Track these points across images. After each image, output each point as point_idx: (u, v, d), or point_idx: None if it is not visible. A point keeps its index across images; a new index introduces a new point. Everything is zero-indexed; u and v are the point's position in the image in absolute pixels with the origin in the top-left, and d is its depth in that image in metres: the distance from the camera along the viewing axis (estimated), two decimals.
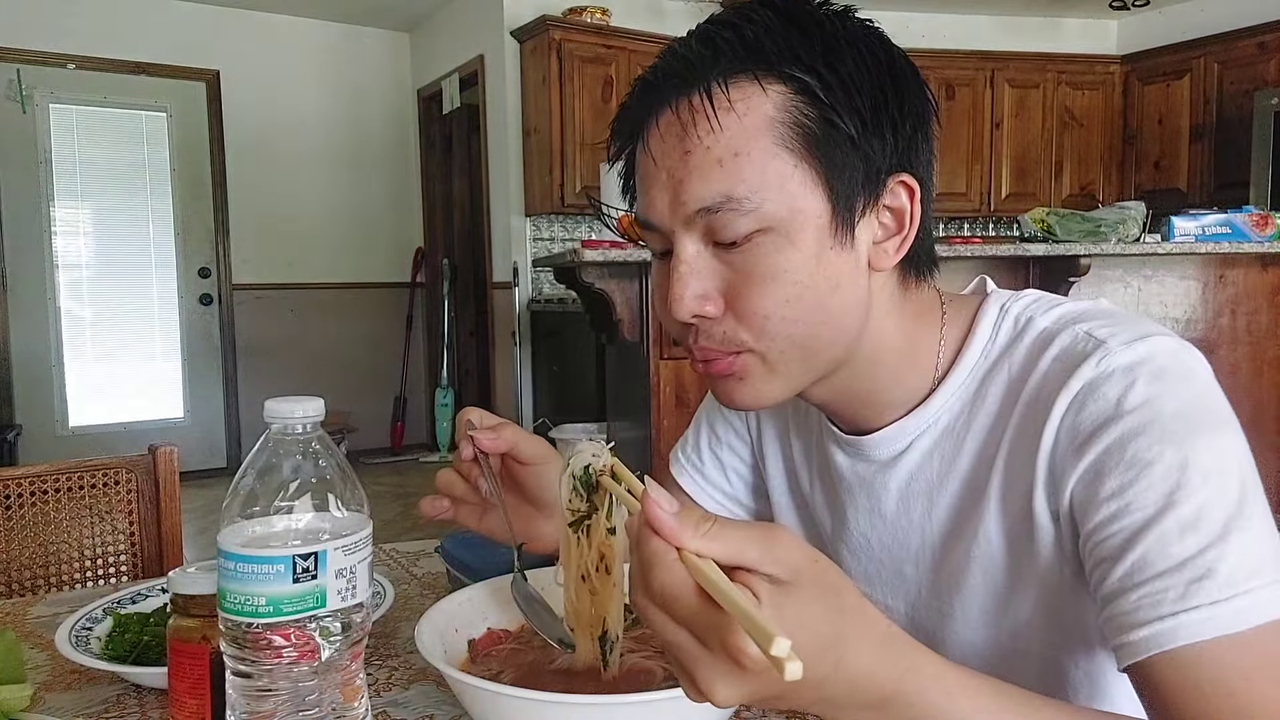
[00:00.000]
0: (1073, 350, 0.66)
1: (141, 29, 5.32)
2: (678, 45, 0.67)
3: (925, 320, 0.73)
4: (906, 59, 0.68)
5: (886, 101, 0.64)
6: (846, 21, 0.66)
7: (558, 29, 4.78)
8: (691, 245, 0.66)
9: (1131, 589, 0.58)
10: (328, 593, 0.57)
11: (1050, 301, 0.73)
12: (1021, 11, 5.99)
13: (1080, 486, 0.62)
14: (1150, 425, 0.60)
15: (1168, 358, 0.63)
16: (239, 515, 0.57)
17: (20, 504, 1.33)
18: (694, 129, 0.63)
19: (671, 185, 0.65)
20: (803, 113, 0.62)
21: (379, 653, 0.84)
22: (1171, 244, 3.14)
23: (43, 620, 0.95)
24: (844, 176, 0.64)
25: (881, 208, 0.67)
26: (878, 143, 0.64)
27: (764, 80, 0.63)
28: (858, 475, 0.78)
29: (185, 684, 0.66)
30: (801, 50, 0.63)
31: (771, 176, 0.63)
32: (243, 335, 5.74)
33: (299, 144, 5.80)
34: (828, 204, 0.64)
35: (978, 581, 0.71)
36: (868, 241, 0.67)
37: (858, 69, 0.63)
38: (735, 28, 0.64)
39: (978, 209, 5.83)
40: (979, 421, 0.71)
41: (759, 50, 0.63)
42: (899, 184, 0.66)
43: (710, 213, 0.64)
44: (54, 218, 5.18)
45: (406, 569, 1.11)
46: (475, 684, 0.61)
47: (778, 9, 0.65)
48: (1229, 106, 5.32)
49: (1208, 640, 0.55)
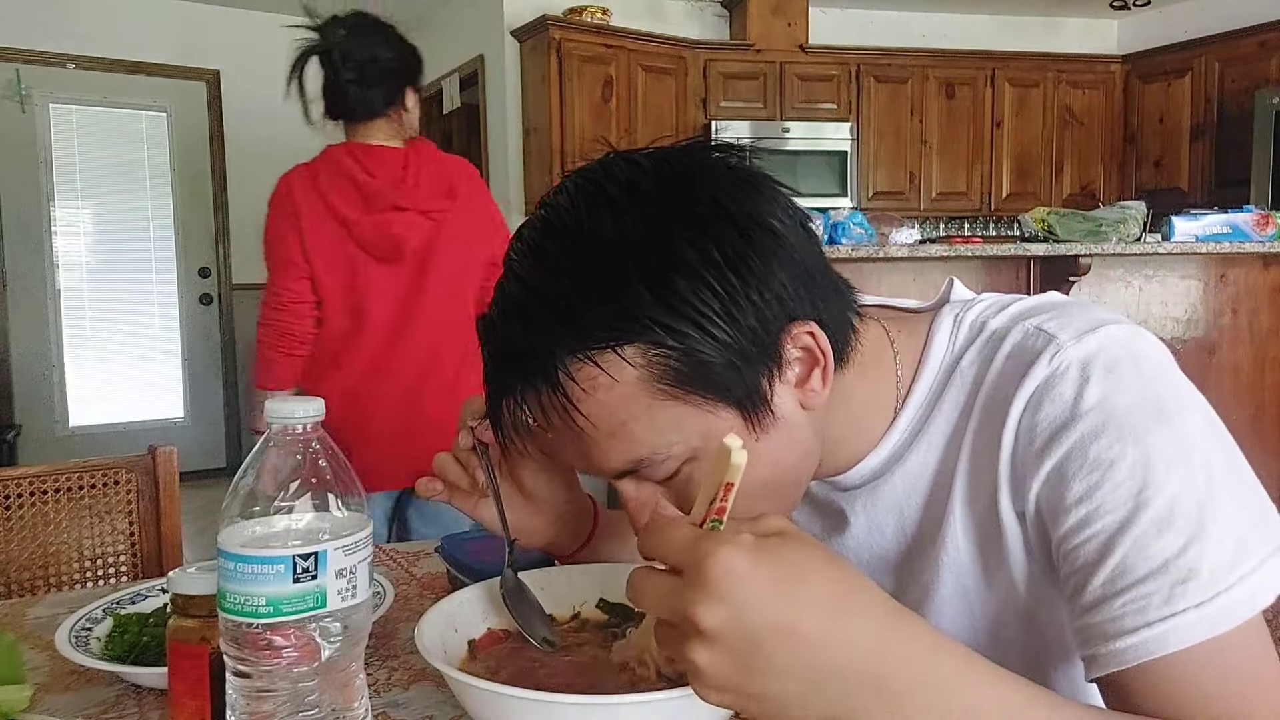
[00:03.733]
0: (1024, 347, 0.66)
1: (141, 29, 5.31)
2: (495, 324, 0.63)
3: (874, 366, 0.71)
4: (728, 185, 0.61)
5: (735, 291, 0.58)
6: (648, 221, 0.59)
7: (558, 29, 4.78)
8: (630, 486, 0.66)
9: (1114, 596, 0.57)
10: (328, 593, 0.57)
11: (1003, 302, 0.72)
12: (1022, 11, 5.99)
13: (1046, 490, 0.62)
14: (1108, 424, 0.59)
15: (1119, 347, 0.62)
16: (239, 515, 0.57)
17: (20, 504, 1.33)
18: (572, 413, 0.60)
19: (579, 454, 0.64)
20: (664, 361, 0.58)
21: (379, 653, 0.84)
22: (1172, 244, 3.14)
23: (42, 621, 0.95)
24: (735, 385, 0.60)
25: (788, 364, 0.63)
26: (748, 338, 0.59)
27: (609, 353, 0.58)
28: (829, 499, 0.78)
29: (185, 684, 0.66)
30: (625, 305, 0.57)
31: (668, 425, 0.60)
32: (243, 335, 5.73)
33: (299, 144, 5.78)
34: (734, 412, 0.61)
35: (950, 588, 0.71)
36: (790, 398, 0.64)
37: (691, 285, 0.57)
38: (549, 301, 0.59)
39: (978, 208, 5.82)
40: (938, 429, 0.71)
41: (583, 329, 0.58)
42: (793, 335, 0.62)
43: (629, 473, 0.64)
44: (54, 218, 5.18)
45: (406, 569, 1.11)
46: (475, 684, 0.60)
47: (579, 255, 0.59)
48: (1230, 106, 5.32)
49: (1195, 645, 0.54)
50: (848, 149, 5.47)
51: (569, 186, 0.63)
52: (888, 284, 3.02)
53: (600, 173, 0.62)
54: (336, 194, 1.92)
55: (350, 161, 1.94)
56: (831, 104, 5.51)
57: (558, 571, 0.84)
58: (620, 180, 0.61)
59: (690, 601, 0.45)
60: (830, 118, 5.49)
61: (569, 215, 0.61)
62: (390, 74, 1.95)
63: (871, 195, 5.60)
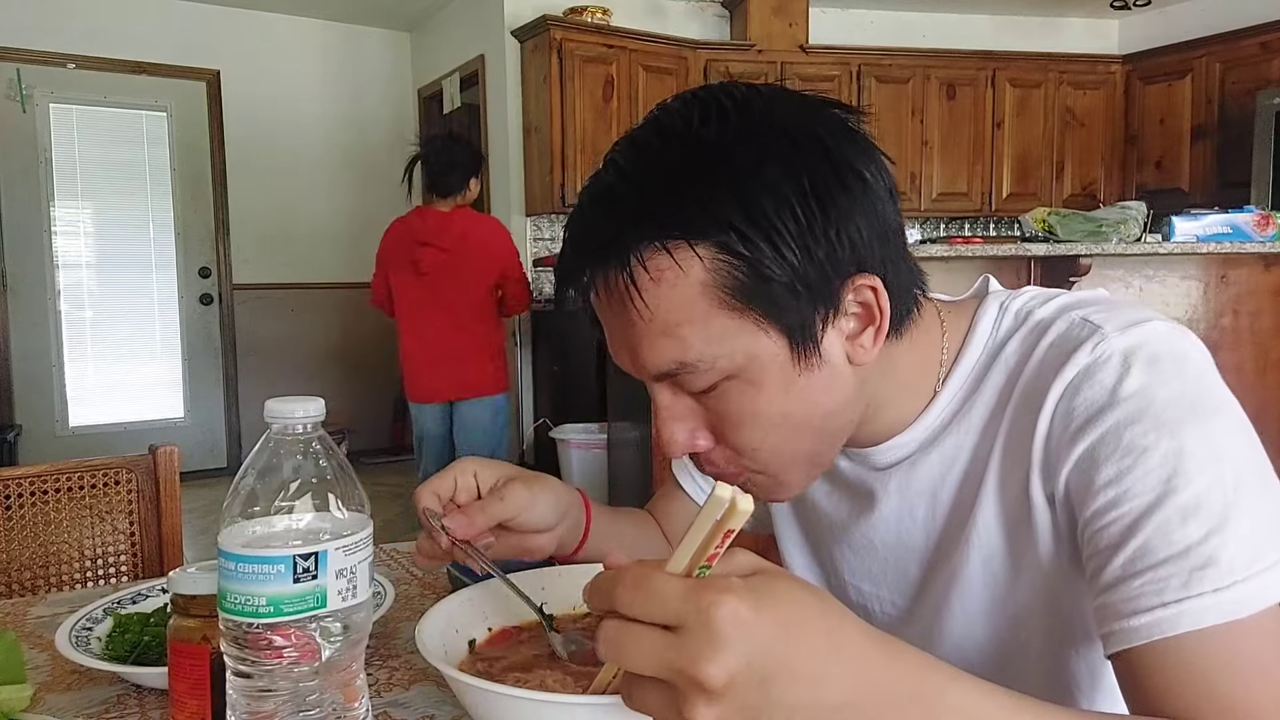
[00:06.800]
0: (1068, 336, 0.66)
1: (141, 29, 5.32)
2: (584, 209, 0.65)
3: (924, 342, 0.72)
4: (836, 130, 0.63)
5: (815, 221, 0.60)
6: (752, 136, 0.61)
7: (558, 29, 4.78)
8: (666, 394, 0.66)
9: (1134, 575, 0.58)
10: (328, 593, 0.57)
11: (1049, 294, 0.73)
12: (1023, 11, 5.99)
13: (1076, 473, 0.63)
14: (1145, 413, 0.60)
15: (1162, 343, 0.63)
16: (239, 515, 0.57)
17: (20, 504, 1.33)
18: (629, 303, 0.62)
19: (627, 347, 0.65)
20: (731, 269, 0.60)
21: (379, 653, 0.84)
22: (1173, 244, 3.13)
23: (43, 620, 0.95)
24: (791, 313, 0.62)
25: (844, 314, 0.64)
26: (815, 271, 0.61)
27: (689, 244, 0.60)
28: (860, 479, 0.78)
29: (185, 684, 0.66)
30: (709, 205, 0.59)
31: (718, 335, 0.61)
32: (243, 335, 5.74)
33: (299, 144, 5.80)
34: (783, 339, 0.62)
35: (977, 571, 0.71)
36: (839, 346, 0.65)
37: (775, 203, 0.59)
38: (642, 189, 0.61)
39: (979, 209, 5.82)
40: (977, 414, 0.71)
41: (667, 217, 0.60)
42: (856, 286, 0.63)
43: (670, 375, 0.64)
44: (54, 218, 5.18)
45: (406, 569, 1.11)
46: (475, 684, 0.60)
47: (680, 152, 0.61)
48: (1231, 106, 5.32)
49: (1207, 627, 0.55)
50: None
51: (686, 95, 0.65)
52: None
53: (720, 89, 0.64)
54: (401, 235, 3.41)
55: (414, 218, 3.38)
56: None
57: (558, 571, 0.84)
58: (736, 97, 0.63)
59: (696, 658, 0.42)
60: None
61: (679, 116, 0.63)
62: (460, 170, 3.31)
63: None
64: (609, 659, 0.46)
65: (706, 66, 5.27)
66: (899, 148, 5.62)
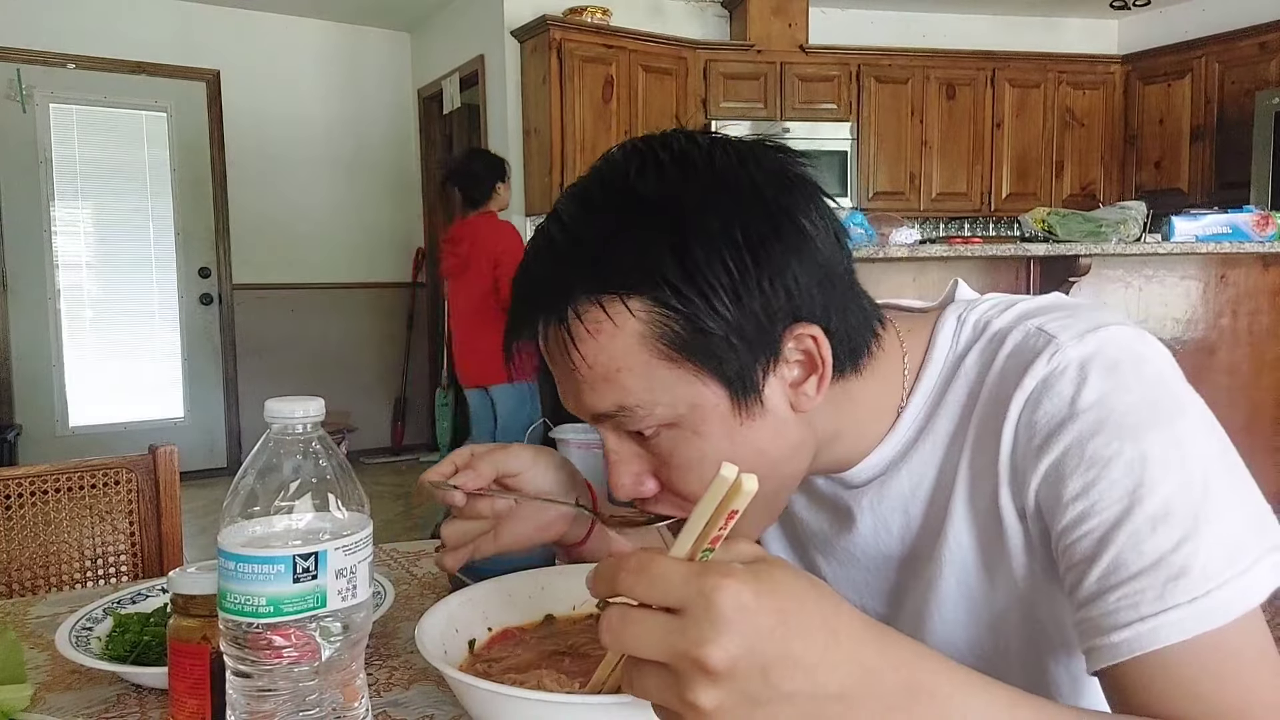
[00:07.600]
0: (1025, 347, 0.66)
1: (141, 29, 5.32)
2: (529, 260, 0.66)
3: (884, 369, 0.72)
4: (774, 179, 0.63)
5: (748, 272, 0.60)
6: (688, 188, 0.61)
7: (558, 29, 4.78)
8: (611, 437, 0.67)
9: (1109, 590, 0.57)
10: (328, 593, 0.57)
11: (1007, 302, 0.72)
12: (1022, 11, 5.99)
13: (1044, 488, 0.62)
14: (1105, 422, 0.60)
15: (1119, 349, 0.62)
16: (239, 515, 0.57)
17: (20, 504, 1.33)
18: (571, 350, 0.62)
19: (571, 391, 0.66)
20: (667, 322, 0.60)
21: (379, 653, 0.84)
22: (1172, 244, 3.14)
23: (43, 620, 0.95)
24: (730, 363, 0.61)
25: (786, 362, 0.64)
26: (751, 322, 0.61)
27: (622, 299, 0.60)
28: (836, 495, 0.78)
29: (185, 684, 0.66)
30: (643, 259, 0.60)
31: (657, 384, 0.62)
32: (243, 335, 5.73)
33: (299, 144, 5.80)
34: (723, 390, 0.62)
35: (951, 584, 0.71)
36: (782, 394, 0.65)
37: (708, 255, 0.59)
38: (579, 243, 0.62)
39: (978, 209, 5.83)
40: (941, 428, 0.71)
41: (602, 271, 0.61)
42: (797, 335, 0.63)
43: (609, 416, 0.64)
44: (54, 218, 5.18)
45: (406, 569, 1.11)
46: (475, 684, 0.60)
47: (617, 205, 0.62)
48: (1230, 107, 5.32)
49: (1187, 640, 0.55)
50: (848, 149, 5.48)
51: (628, 146, 0.66)
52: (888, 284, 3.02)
53: (659, 140, 0.65)
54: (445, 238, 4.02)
55: (454, 226, 3.97)
56: (832, 104, 5.51)
57: (558, 571, 0.84)
58: (674, 149, 0.64)
59: (698, 641, 0.42)
60: (830, 118, 5.49)
61: (619, 169, 0.64)
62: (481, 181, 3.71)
63: (872, 195, 5.60)
64: (611, 645, 0.46)
65: (706, 67, 5.27)
66: (898, 148, 5.63)
